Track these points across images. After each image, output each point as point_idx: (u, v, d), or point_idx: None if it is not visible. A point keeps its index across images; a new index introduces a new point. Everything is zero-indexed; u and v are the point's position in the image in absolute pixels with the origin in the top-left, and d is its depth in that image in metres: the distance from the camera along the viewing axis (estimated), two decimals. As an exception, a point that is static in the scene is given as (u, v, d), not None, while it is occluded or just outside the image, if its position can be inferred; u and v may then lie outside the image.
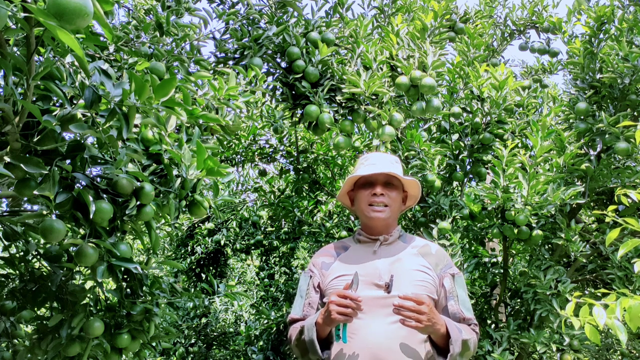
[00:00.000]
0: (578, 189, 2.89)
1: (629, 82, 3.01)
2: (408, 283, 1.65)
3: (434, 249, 1.80)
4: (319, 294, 1.77)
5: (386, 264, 1.71)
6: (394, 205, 1.79)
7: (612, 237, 1.71)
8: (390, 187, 1.79)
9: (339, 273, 1.74)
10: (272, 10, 2.88)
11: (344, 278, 1.71)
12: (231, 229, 5.54)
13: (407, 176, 1.84)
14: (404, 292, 1.60)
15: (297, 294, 1.84)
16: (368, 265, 1.71)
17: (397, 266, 1.70)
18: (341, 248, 1.84)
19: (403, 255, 1.74)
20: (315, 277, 1.79)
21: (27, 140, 1.41)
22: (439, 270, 1.74)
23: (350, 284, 1.56)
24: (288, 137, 4.37)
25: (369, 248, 1.78)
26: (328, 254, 1.84)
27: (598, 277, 3.56)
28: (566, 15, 4.13)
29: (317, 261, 1.83)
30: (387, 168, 1.77)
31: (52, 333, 1.87)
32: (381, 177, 1.79)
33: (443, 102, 3.31)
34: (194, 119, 1.54)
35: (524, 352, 3.11)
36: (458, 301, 1.71)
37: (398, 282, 1.65)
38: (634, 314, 1.48)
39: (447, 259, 1.80)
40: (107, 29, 1.16)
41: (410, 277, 1.67)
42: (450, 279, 1.73)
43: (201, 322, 5.14)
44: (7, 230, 1.89)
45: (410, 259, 1.73)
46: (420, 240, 1.83)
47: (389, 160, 1.84)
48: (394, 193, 1.79)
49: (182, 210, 1.83)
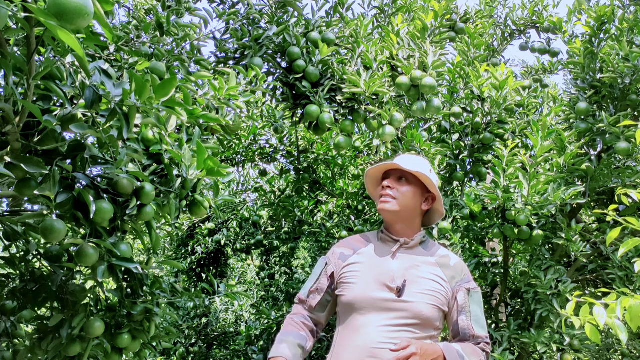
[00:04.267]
0: (578, 189, 2.89)
1: (629, 82, 3.01)
2: (419, 291, 1.64)
3: (454, 261, 1.77)
4: (329, 282, 1.78)
5: (402, 268, 1.69)
6: (403, 199, 1.74)
7: (612, 237, 1.71)
8: (402, 182, 1.77)
9: (352, 265, 1.75)
10: (273, 10, 2.88)
11: (353, 268, 1.72)
12: (232, 229, 5.54)
13: (420, 170, 1.76)
14: (414, 300, 1.61)
15: (311, 275, 1.85)
16: (383, 266, 1.70)
17: (412, 272, 1.68)
18: (362, 242, 1.83)
19: (420, 262, 1.72)
20: (330, 266, 1.79)
21: (27, 140, 1.41)
22: (455, 283, 1.71)
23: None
24: (288, 137, 4.38)
25: (388, 248, 1.77)
26: (349, 246, 1.83)
27: (598, 277, 3.56)
28: (566, 15, 4.13)
29: (336, 251, 1.83)
30: (400, 163, 1.76)
31: (52, 333, 1.87)
32: (395, 172, 1.79)
33: (443, 102, 3.31)
34: (194, 119, 1.54)
35: (525, 352, 3.11)
36: (470, 317, 1.68)
37: (409, 288, 1.64)
38: (634, 313, 1.48)
39: (465, 273, 1.76)
40: (107, 29, 1.16)
41: (422, 285, 1.66)
42: (465, 293, 1.70)
43: (202, 322, 5.14)
44: (7, 230, 1.89)
45: (427, 267, 1.71)
46: (442, 250, 1.80)
47: (410, 159, 1.82)
48: (405, 188, 1.76)
49: (182, 210, 1.83)
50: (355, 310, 1.65)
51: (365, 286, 1.66)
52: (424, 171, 1.76)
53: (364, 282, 1.67)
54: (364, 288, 1.66)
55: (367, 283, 1.66)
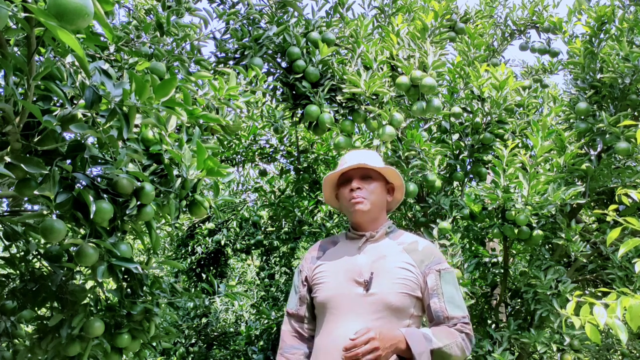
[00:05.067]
0: (578, 189, 2.89)
1: (629, 82, 3.01)
2: (388, 281, 1.64)
3: (422, 245, 1.75)
4: (306, 287, 1.80)
5: (369, 261, 1.70)
6: (373, 197, 1.77)
7: (612, 237, 1.71)
8: (367, 180, 1.78)
9: (321, 266, 1.76)
10: (273, 10, 2.88)
11: (323, 268, 1.74)
12: (231, 229, 5.54)
13: (381, 165, 1.80)
14: (383, 291, 1.60)
15: (292, 287, 1.87)
16: (350, 262, 1.71)
17: (380, 263, 1.68)
18: (331, 243, 1.87)
19: (388, 252, 1.73)
20: (304, 272, 1.82)
21: (27, 140, 1.41)
22: (424, 267, 1.69)
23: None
24: (288, 137, 4.38)
25: (354, 244, 1.78)
26: (319, 249, 1.87)
27: (598, 277, 3.56)
28: (566, 15, 4.13)
29: (307, 256, 1.87)
30: (357, 161, 1.77)
31: (52, 333, 1.87)
32: (356, 172, 1.79)
33: (443, 102, 3.31)
34: (194, 119, 1.54)
35: (525, 352, 3.11)
36: (443, 298, 1.65)
37: (378, 280, 1.64)
38: (634, 313, 1.48)
39: (434, 255, 1.73)
40: (107, 29, 1.16)
41: (390, 275, 1.65)
42: (436, 275, 1.67)
43: (201, 322, 5.14)
44: (7, 230, 1.89)
45: (395, 256, 1.70)
46: (409, 236, 1.79)
47: (362, 154, 1.84)
48: (372, 185, 1.78)
49: (182, 210, 1.83)
50: (328, 309, 1.66)
51: (335, 284, 1.67)
52: (380, 163, 1.80)
53: (333, 280, 1.68)
54: (334, 286, 1.67)
55: (337, 281, 1.68)
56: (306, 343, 1.75)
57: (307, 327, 1.77)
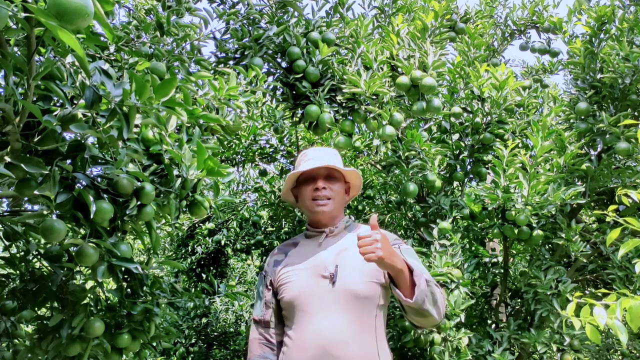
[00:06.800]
0: (578, 189, 2.89)
1: (629, 82, 3.01)
2: (353, 272, 1.67)
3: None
4: (271, 291, 1.81)
5: (332, 254, 1.72)
6: (337, 197, 1.81)
7: (612, 237, 1.71)
8: (331, 180, 1.82)
9: (285, 267, 1.78)
10: (273, 10, 2.88)
11: (287, 269, 1.75)
12: (232, 229, 5.53)
13: (346, 167, 1.86)
14: (349, 281, 1.63)
15: (255, 296, 1.88)
16: (314, 258, 1.74)
17: (343, 256, 1.71)
18: (291, 245, 1.89)
19: (349, 244, 1.76)
20: (268, 277, 1.84)
21: (27, 140, 1.41)
22: None
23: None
24: (288, 137, 4.37)
25: (315, 241, 1.81)
26: (280, 252, 1.88)
27: (598, 277, 3.56)
28: (567, 15, 4.13)
29: (270, 261, 1.88)
30: (326, 161, 1.79)
31: (52, 333, 1.87)
32: (322, 171, 1.81)
33: (443, 102, 3.31)
34: (194, 119, 1.54)
35: (525, 352, 3.11)
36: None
37: (343, 271, 1.67)
38: (634, 314, 1.48)
39: (391, 237, 1.77)
40: (107, 29, 1.16)
41: (354, 265, 1.68)
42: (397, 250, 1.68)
43: (202, 322, 5.14)
44: (7, 230, 1.89)
45: (356, 247, 1.72)
46: (367, 228, 1.81)
47: (327, 153, 1.87)
48: (336, 185, 1.82)
49: (182, 210, 1.83)
50: (297, 307, 1.67)
51: (301, 281, 1.69)
52: (341, 163, 1.85)
53: (299, 278, 1.70)
54: (300, 284, 1.68)
55: (303, 278, 1.69)
56: (274, 350, 1.75)
57: (274, 331, 1.77)
